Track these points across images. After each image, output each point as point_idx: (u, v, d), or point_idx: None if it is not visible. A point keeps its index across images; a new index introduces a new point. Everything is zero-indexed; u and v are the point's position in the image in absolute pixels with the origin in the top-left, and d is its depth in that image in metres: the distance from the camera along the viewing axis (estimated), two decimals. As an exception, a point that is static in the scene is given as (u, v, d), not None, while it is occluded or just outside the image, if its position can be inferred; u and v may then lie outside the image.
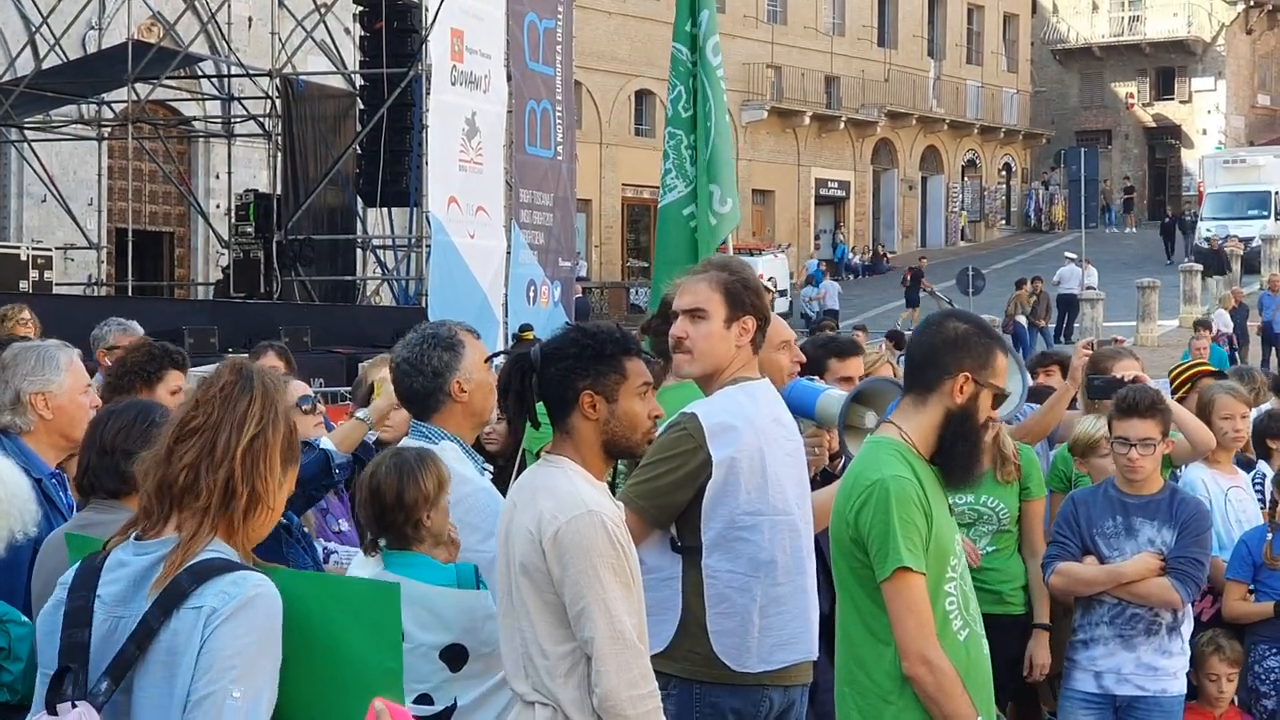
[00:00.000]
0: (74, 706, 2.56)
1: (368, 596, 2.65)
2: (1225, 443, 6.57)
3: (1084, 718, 5.65)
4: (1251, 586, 6.37)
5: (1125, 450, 5.65)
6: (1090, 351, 6.79)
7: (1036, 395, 7.47)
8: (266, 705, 2.53)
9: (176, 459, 2.67)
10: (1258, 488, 6.67)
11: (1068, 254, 35.91)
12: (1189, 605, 5.73)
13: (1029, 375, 8.65)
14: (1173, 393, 7.16)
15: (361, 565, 4.10)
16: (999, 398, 3.86)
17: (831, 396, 4.79)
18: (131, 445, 3.52)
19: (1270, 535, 6.22)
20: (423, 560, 4.02)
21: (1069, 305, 32.95)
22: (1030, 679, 6.12)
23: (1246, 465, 7.00)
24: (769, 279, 33.39)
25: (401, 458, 4.08)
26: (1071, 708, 5.71)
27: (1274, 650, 6.20)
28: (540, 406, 3.73)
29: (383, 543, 4.06)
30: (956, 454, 3.81)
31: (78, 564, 2.74)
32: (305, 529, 4.91)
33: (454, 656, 3.94)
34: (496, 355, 4.08)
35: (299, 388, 5.38)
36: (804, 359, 5.08)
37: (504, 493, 4.11)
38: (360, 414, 5.04)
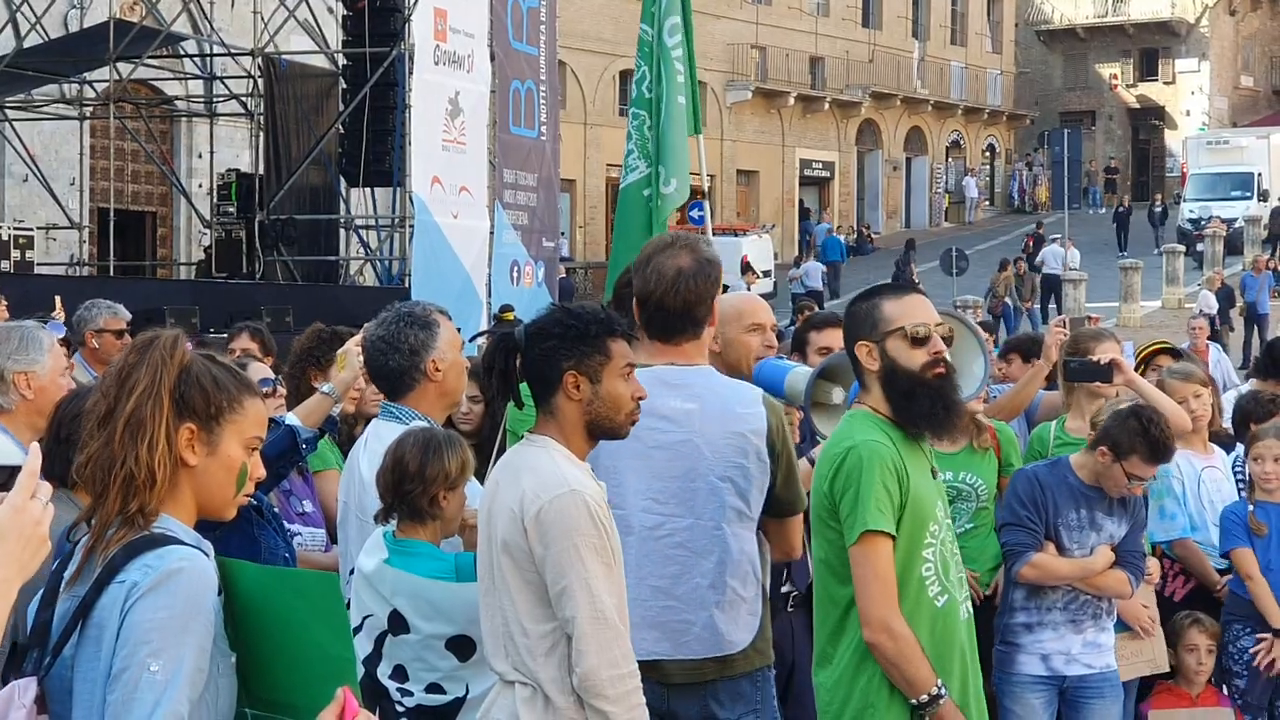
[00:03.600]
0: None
1: (314, 587, 2.65)
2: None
3: (1033, 699, 5.56)
4: (1226, 564, 6.44)
5: (1134, 485, 5.56)
6: (1063, 330, 6.78)
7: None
8: (189, 679, 2.50)
9: (86, 453, 2.68)
10: (1238, 472, 6.68)
11: (1052, 235, 35.98)
12: None
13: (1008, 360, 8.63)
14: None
15: (368, 552, 4.10)
16: (916, 338, 3.87)
17: (799, 374, 4.76)
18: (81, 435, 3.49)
19: (1251, 508, 6.28)
20: (425, 549, 4.03)
21: (1054, 286, 32.94)
22: None
23: (1226, 444, 7.03)
24: (753, 259, 33.48)
25: (432, 434, 4.08)
26: (1020, 692, 5.58)
27: (1248, 630, 6.25)
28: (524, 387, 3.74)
29: (393, 521, 4.06)
30: (910, 409, 3.87)
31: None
32: (275, 509, 4.91)
33: (461, 647, 3.95)
34: (479, 335, 4.08)
35: (259, 370, 5.39)
36: (774, 344, 5.05)
37: (481, 473, 4.11)
38: (325, 388, 5.05)
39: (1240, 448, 6.86)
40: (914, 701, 3.80)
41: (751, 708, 4.13)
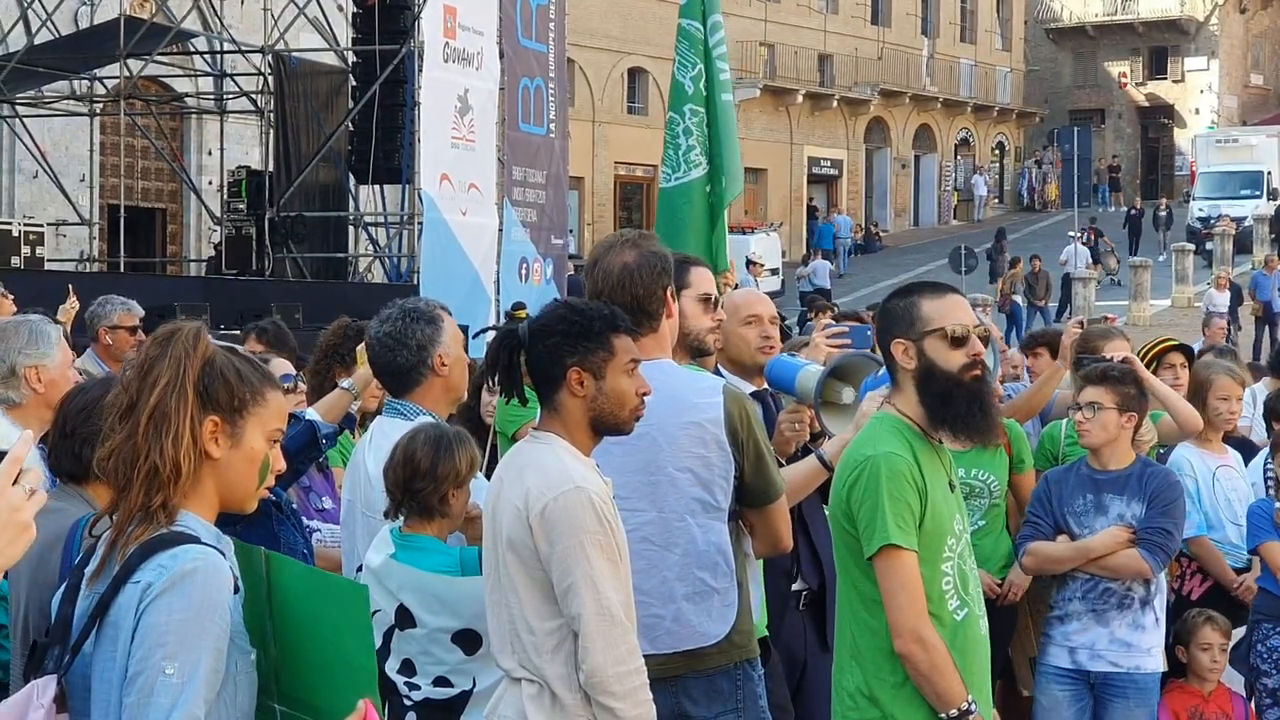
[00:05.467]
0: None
1: (347, 595, 2.65)
2: (1217, 423, 6.56)
3: (1059, 692, 5.62)
4: (1245, 563, 6.42)
5: (1075, 413, 5.75)
6: (1080, 330, 6.79)
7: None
8: (205, 681, 2.50)
9: (109, 446, 2.66)
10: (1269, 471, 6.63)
11: (1070, 233, 35.95)
12: (1161, 578, 5.70)
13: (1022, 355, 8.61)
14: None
15: (375, 548, 4.12)
16: (955, 339, 3.80)
17: (809, 372, 4.73)
18: (91, 428, 3.39)
19: (1277, 505, 6.22)
20: (432, 544, 4.04)
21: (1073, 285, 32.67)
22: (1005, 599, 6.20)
23: (1244, 446, 6.99)
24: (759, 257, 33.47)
25: (441, 431, 4.09)
26: (1046, 682, 5.69)
27: (1278, 629, 6.18)
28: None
29: (401, 516, 4.08)
30: (946, 411, 3.80)
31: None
32: (294, 505, 4.92)
33: (467, 640, 3.96)
34: (486, 330, 4.09)
35: (281, 366, 5.41)
36: (771, 334, 5.04)
37: (489, 469, 4.12)
38: (344, 383, 5.07)
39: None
40: (943, 716, 3.73)
41: (731, 706, 4.07)
